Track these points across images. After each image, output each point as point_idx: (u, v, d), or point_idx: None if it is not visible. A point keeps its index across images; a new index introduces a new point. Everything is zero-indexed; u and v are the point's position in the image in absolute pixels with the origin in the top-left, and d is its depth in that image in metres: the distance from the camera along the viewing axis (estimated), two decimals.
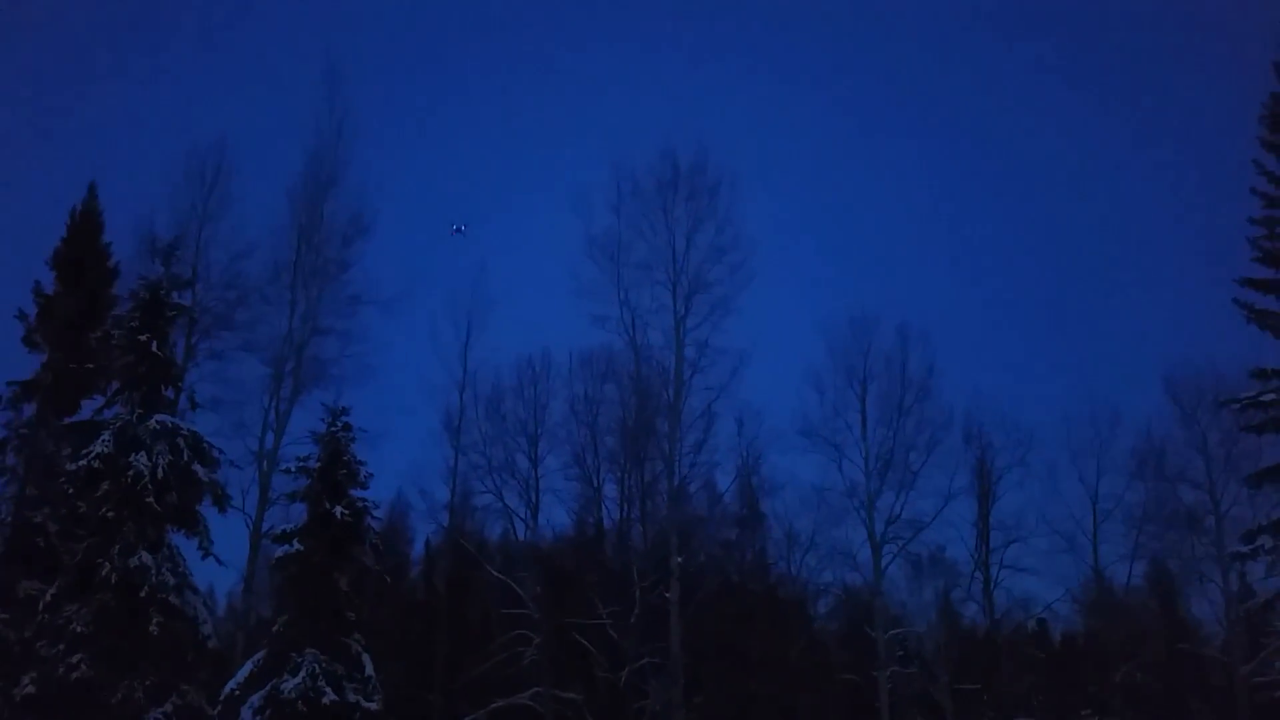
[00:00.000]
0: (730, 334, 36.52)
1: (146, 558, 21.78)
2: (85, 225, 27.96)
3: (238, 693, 21.51)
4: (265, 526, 29.53)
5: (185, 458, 22.99)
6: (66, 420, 25.40)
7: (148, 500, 22.08)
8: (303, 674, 21.12)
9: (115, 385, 24.21)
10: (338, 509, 23.16)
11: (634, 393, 37.56)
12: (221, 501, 24.33)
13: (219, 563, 24.14)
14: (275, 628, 22.71)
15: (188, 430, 23.45)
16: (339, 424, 27.81)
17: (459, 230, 41.69)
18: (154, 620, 21.33)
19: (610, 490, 40.57)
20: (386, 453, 31.32)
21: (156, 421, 22.88)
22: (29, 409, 25.45)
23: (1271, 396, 28.97)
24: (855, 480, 38.03)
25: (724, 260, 36.81)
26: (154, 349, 23.83)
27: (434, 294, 38.98)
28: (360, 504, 26.61)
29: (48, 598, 21.70)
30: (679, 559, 33.97)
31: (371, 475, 27.77)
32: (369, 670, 22.17)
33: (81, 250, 27.56)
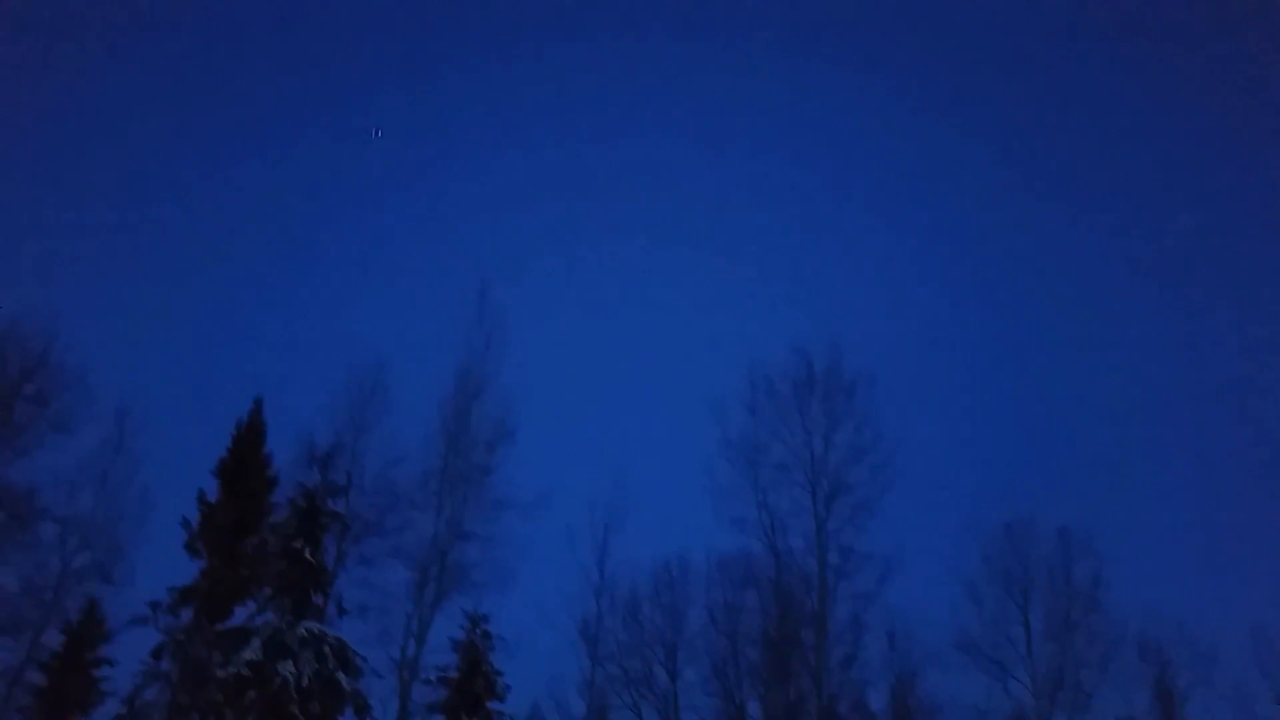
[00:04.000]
0: (876, 538, 35.14)
1: None
2: (249, 436, 29.45)
3: None
4: None
5: (330, 666, 23.07)
6: (220, 627, 25.88)
7: (292, 709, 22.08)
8: None
9: (267, 591, 24.74)
10: None
11: (775, 600, 36.20)
12: (363, 712, 24.11)
13: None
14: None
15: (334, 638, 23.62)
16: (478, 631, 27.70)
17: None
18: None
19: (753, 709, 38.46)
20: (523, 661, 30.74)
21: (305, 629, 23.17)
22: (186, 615, 26.13)
23: None
24: (1023, 701, 35.06)
25: (864, 461, 36.01)
26: (307, 555, 24.47)
27: (573, 498, 39.04)
28: (497, 718, 26.06)
29: None
30: None
31: (509, 687, 27.34)
32: None
33: (244, 460, 28.91)
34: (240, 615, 25.91)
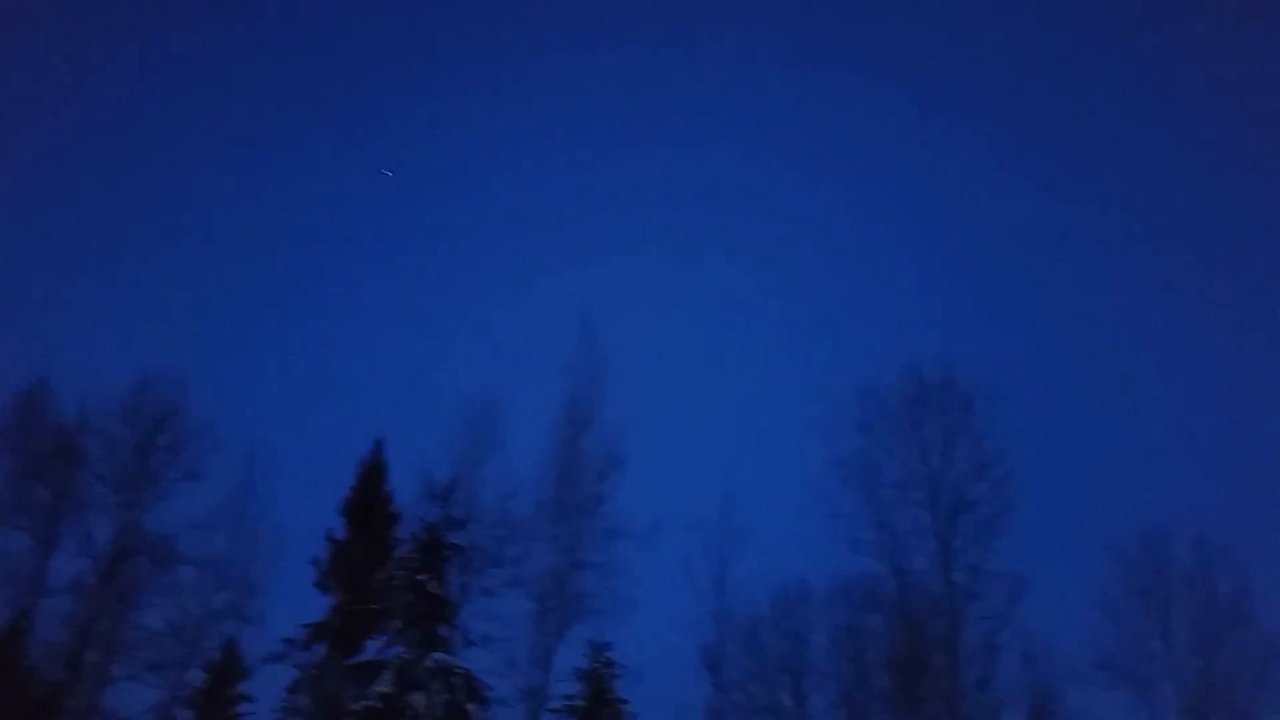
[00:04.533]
0: (1004, 556, 33.84)
1: None
2: (372, 475, 30.43)
3: None
4: None
5: (459, 696, 23.41)
6: (352, 661, 26.51)
7: None
8: None
9: (396, 625, 25.27)
10: None
11: (901, 624, 35.23)
12: None
13: None
14: None
15: (462, 669, 23.98)
16: (601, 659, 27.79)
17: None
18: None
19: None
20: (648, 689, 30.65)
21: (434, 660, 23.57)
22: (319, 650, 26.87)
23: None
24: None
25: (987, 477, 34.86)
26: (431, 588, 24.95)
27: (686, 524, 38.85)
28: None
29: None
30: None
31: (635, 715, 27.33)
32: None
33: (368, 498, 29.87)
34: (371, 649, 26.52)
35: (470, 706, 23.86)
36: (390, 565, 27.63)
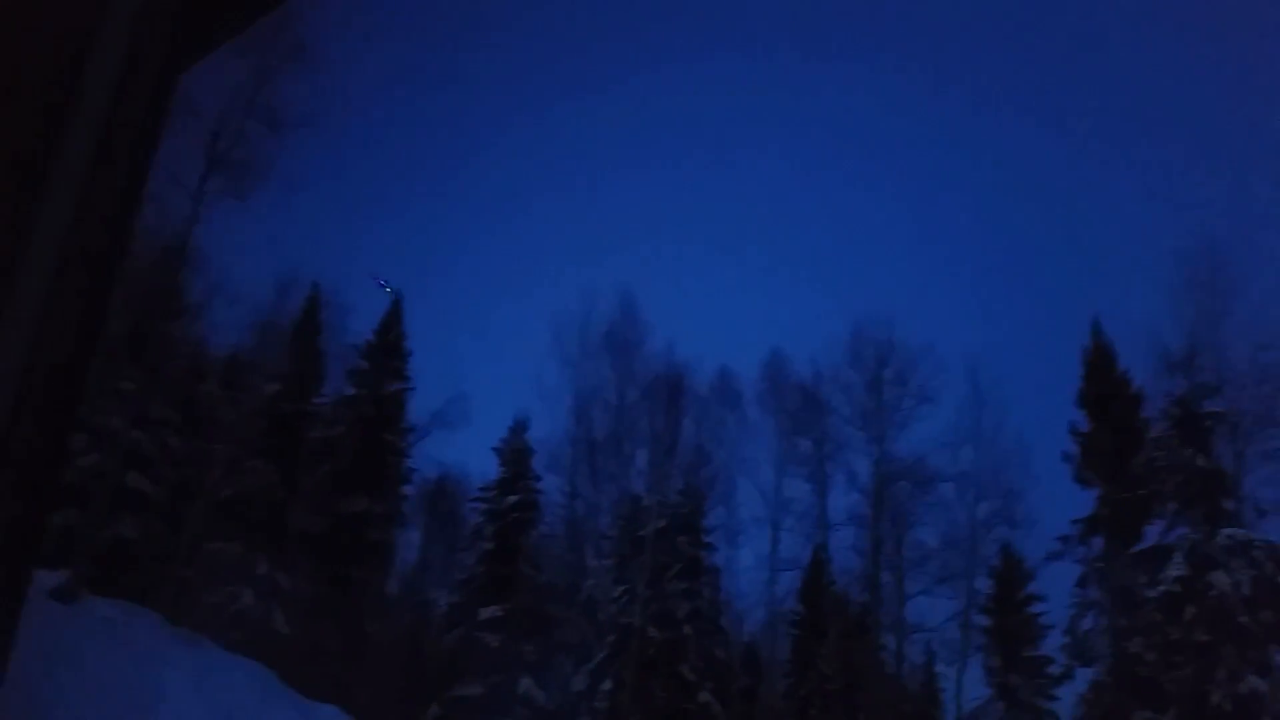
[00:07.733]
0: None
1: (1257, 682, 20.34)
2: (1098, 361, 29.18)
3: None
4: None
5: (1269, 571, 21.30)
6: (1134, 549, 25.70)
7: (1240, 620, 20.84)
8: None
9: (1172, 506, 23.91)
10: None
11: None
12: None
13: None
14: None
15: (1262, 542, 21.81)
16: None
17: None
18: None
19: None
20: None
21: (1226, 536, 21.84)
22: (1096, 543, 26.54)
23: None
24: None
25: None
26: (1199, 463, 23.13)
27: None
28: None
29: None
30: None
31: None
32: None
33: (1101, 385, 28.69)
34: (1150, 534, 25.44)
35: None
36: (1147, 447, 26.24)
